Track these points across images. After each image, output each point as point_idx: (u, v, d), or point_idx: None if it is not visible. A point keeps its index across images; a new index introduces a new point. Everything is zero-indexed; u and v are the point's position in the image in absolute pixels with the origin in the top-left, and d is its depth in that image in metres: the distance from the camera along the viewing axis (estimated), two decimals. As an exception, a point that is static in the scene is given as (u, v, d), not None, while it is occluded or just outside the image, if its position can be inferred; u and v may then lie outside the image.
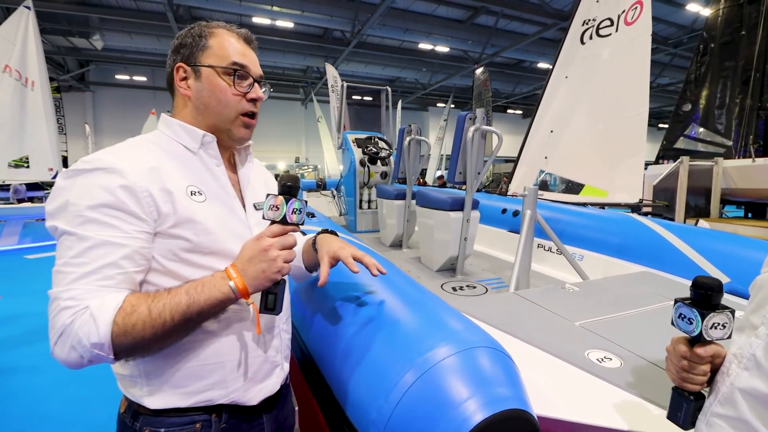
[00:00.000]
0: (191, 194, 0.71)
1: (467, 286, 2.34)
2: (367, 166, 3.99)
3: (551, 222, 2.42)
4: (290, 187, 0.72)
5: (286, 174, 0.74)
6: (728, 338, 0.59)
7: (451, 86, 18.27)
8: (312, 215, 2.47)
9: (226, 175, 0.80)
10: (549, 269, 2.61)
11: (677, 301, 0.63)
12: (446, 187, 8.28)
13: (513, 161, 3.96)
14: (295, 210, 0.71)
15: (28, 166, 5.87)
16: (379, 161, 4.07)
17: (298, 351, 1.10)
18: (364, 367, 0.78)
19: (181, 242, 0.69)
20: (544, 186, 3.53)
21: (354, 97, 5.00)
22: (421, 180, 12.44)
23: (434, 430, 0.60)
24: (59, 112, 14.00)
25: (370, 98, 5.15)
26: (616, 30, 3.07)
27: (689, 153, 5.33)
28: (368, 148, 3.98)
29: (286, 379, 0.89)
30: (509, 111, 22.81)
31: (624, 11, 3.02)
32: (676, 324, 0.63)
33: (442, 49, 13.34)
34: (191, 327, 0.67)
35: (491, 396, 0.62)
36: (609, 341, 1.16)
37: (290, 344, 0.91)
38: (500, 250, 3.13)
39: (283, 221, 0.71)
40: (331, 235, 0.94)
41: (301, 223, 0.73)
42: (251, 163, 0.89)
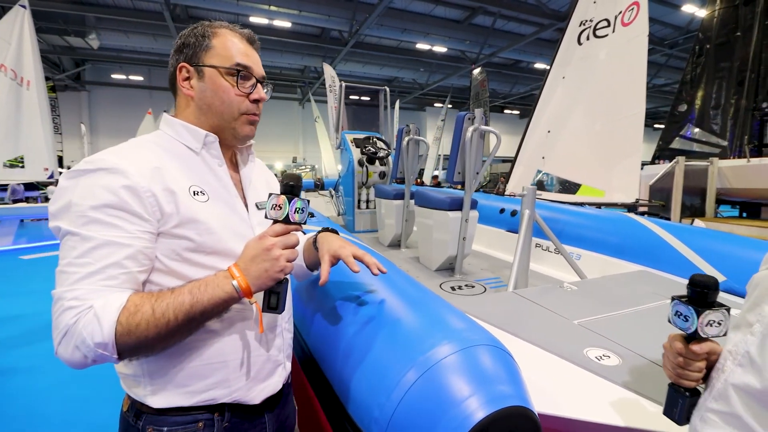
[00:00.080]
0: (194, 194, 0.72)
1: (466, 285, 2.35)
2: (366, 166, 4.00)
3: (549, 222, 2.43)
4: (292, 186, 0.72)
5: (289, 173, 0.74)
6: (724, 335, 0.60)
7: (449, 86, 18.31)
8: (311, 215, 2.47)
9: (228, 174, 0.80)
10: (547, 268, 2.62)
11: (674, 298, 0.64)
12: (440, 187, 8.28)
13: (510, 161, 3.98)
14: (298, 209, 0.71)
15: (23, 166, 5.83)
16: (377, 161, 4.07)
17: (299, 350, 1.10)
18: (366, 366, 0.78)
19: (184, 242, 0.69)
20: (540, 186, 3.54)
21: (351, 96, 4.99)
22: (419, 180, 12.47)
23: (437, 427, 0.61)
24: (55, 111, 13.87)
25: (367, 98, 5.15)
26: (613, 31, 3.09)
27: (685, 153, 5.37)
28: (367, 148, 3.98)
29: (288, 378, 0.89)
30: (506, 111, 22.89)
31: (621, 12, 3.04)
32: (673, 321, 0.64)
33: (440, 49, 13.36)
34: (194, 326, 0.67)
35: (493, 393, 0.63)
36: (607, 339, 1.17)
37: (292, 343, 0.92)
38: (498, 250, 3.14)
39: (285, 220, 0.71)
40: (332, 233, 0.94)
41: (304, 223, 0.73)
42: (253, 163, 0.89)
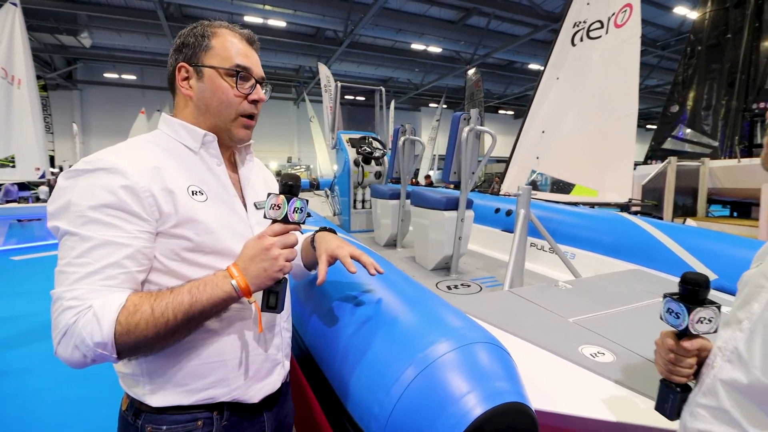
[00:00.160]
0: (192, 194, 0.72)
1: (462, 284, 2.37)
2: (361, 166, 4.00)
3: (544, 221, 2.45)
4: (291, 186, 0.73)
5: (288, 173, 0.74)
6: (714, 332, 0.61)
7: (444, 87, 18.35)
8: (308, 215, 2.47)
9: (226, 174, 0.81)
10: (542, 267, 2.65)
11: (666, 296, 0.65)
12: (433, 186, 8.31)
13: (504, 161, 4.00)
14: (297, 209, 0.72)
15: (14, 166, 5.75)
16: (373, 161, 4.08)
17: (297, 349, 1.11)
18: (365, 364, 0.79)
19: (183, 242, 0.69)
20: (533, 186, 3.57)
21: (347, 96, 5.01)
22: (414, 180, 12.48)
23: (436, 423, 0.62)
24: (46, 110, 13.72)
25: (362, 98, 5.17)
26: (607, 32, 3.12)
27: (677, 153, 5.44)
28: (362, 148, 3.99)
29: (287, 377, 0.90)
30: (501, 111, 22.99)
31: (614, 14, 3.07)
32: (665, 318, 0.65)
33: (435, 49, 13.38)
34: (193, 326, 0.67)
35: (490, 390, 0.63)
36: (601, 337, 1.19)
37: (291, 342, 0.92)
38: (494, 249, 3.16)
39: (284, 220, 0.71)
40: (329, 233, 0.95)
41: (303, 222, 0.74)
42: (251, 163, 0.90)
